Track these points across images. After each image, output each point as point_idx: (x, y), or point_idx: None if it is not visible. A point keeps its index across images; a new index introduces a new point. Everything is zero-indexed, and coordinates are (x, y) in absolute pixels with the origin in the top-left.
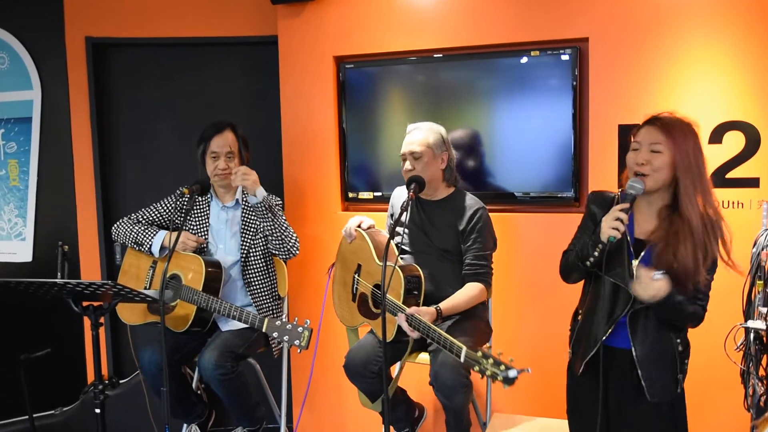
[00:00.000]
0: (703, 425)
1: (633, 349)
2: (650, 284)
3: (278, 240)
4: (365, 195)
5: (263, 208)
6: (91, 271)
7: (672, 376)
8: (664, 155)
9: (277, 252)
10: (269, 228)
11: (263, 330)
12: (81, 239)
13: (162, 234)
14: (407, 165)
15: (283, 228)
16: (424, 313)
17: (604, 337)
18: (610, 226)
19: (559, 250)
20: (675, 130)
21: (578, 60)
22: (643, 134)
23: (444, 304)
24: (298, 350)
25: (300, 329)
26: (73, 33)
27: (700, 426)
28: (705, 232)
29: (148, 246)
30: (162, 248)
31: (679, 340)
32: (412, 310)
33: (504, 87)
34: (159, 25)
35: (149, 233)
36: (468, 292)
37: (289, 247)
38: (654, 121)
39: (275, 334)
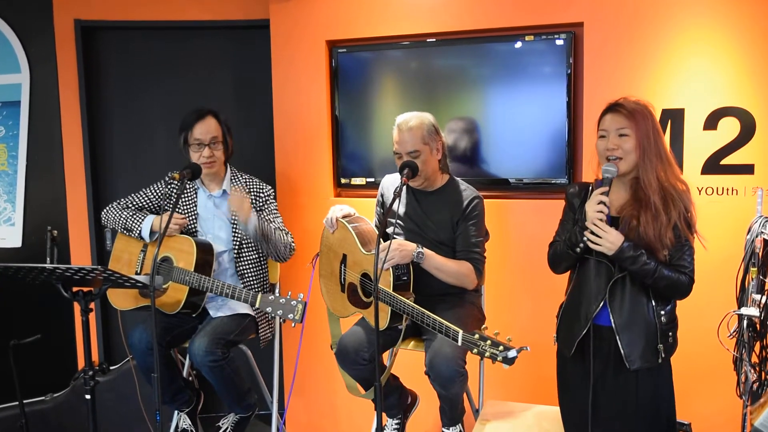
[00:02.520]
0: (696, 411)
1: (611, 317)
2: (608, 232)
3: (273, 252)
4: (358, 181)
5: (259, 237)
6: (81, 256)
7: (651, 345)
8: (631, 138)
9: (269, 256)
10: (265, 248)
11: (257, 305)
12: (71, 224)
13: (151, 218)
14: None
15: (275, 242)
16: (407, 244)
17: (594, 313)
18: (594, 210)
19: (552, 236)
20: (636, 114)
21: (573, 45)
22: (608, 122)
23: (429, 252)
24: (292, 324)
25: (293, 303)
26: (62, 16)
27: (692, 412)
28: (664, 203)
29: (138, 231)
30: (152, 232)
31: (663, 312)
32: (396, 245)
33: (498, 72)
34: (149, 8)
35: (138, 218)
36: (458, 264)
37: (283, 255)
38: (616, 108)
39: (269, 309)
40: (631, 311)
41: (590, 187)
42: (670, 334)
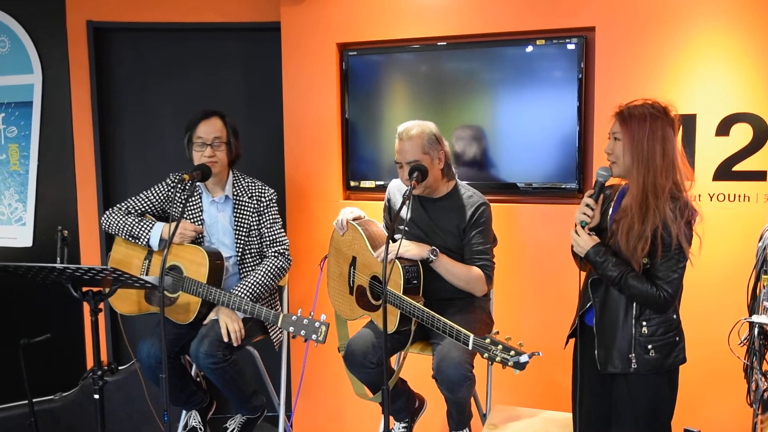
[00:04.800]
0: (706, 419)
1: (594, 315)
2: (580, 236)
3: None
4: (367, 184)
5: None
6: (91, 255)
7: (621, 352)
8: (622, 143)
9: None
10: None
11: (278, 325)
12: (81, 224)
13: (160, 226)
14: (407, 173)
15: (269, 291)
16: (416, 245)
17: (582, 311)
18: (580, 212)
19: (561, 241)
20: (632, 119)
21: (584, 49)
22: (612, 125)
23: (444, 255)
24: (315, 344)
25: (317, 324)
26: (74, 17)
27: (702, 419)
28: (642, 214)
29: (146, 240)
30: (161, 241)
31: (645, 323)
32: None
33: (509, 76)
34: (161, 10)
35: (145, 225)
36: (468, 269)
37: (282, 278)
38: (618, 112)
39: (291, 329)
40: (610, 314)
41: (608, 192)
42: (651, 347)
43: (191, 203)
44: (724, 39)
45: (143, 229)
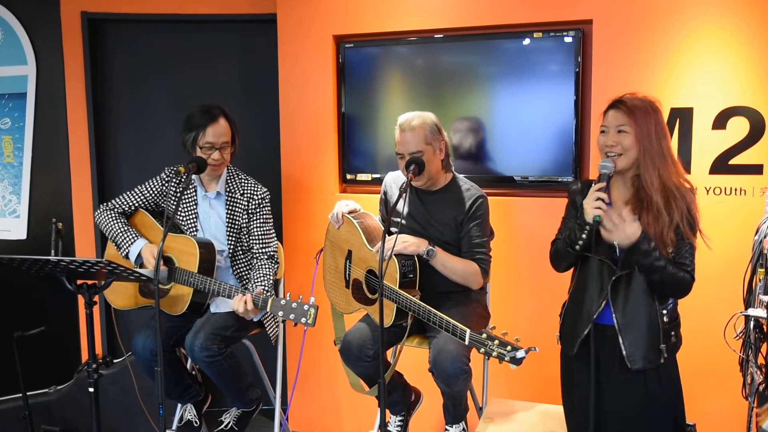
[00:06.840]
0: (701, 412)
1: (614, 316)
2: (629, 225)
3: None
4: (364, 177)
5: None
6: (85, 248)
7: (653, 345)
8: (630, 135)
9: None
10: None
11: (267, 309)
12: (76, 216)
13: (140, 244)
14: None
15: (270, 272)
16: (415, 239)
17: (597, 313)
18: (592, 207)
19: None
20: (638, 111)
21: (582, 42)
22: (610, 118)
23: (440, 250)
24: (305, 328)
25: (305, 307)
26: (69, 8)
27: (697, 412)
28: (666, 203)
29: (125, 252)
30: (138, 257)
31: (665, 311)
32: (401, 240)
33: (506, 69)
34: (155, 1)
35: (129, 237)
36: (465, 263)
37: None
38: (618, 105)
39: (281, 313)
40: (634, 310)
41: (593, 184)
42: (673, 333)
43: (186, 196)
44: (721, 32)
45: (126, 240)
